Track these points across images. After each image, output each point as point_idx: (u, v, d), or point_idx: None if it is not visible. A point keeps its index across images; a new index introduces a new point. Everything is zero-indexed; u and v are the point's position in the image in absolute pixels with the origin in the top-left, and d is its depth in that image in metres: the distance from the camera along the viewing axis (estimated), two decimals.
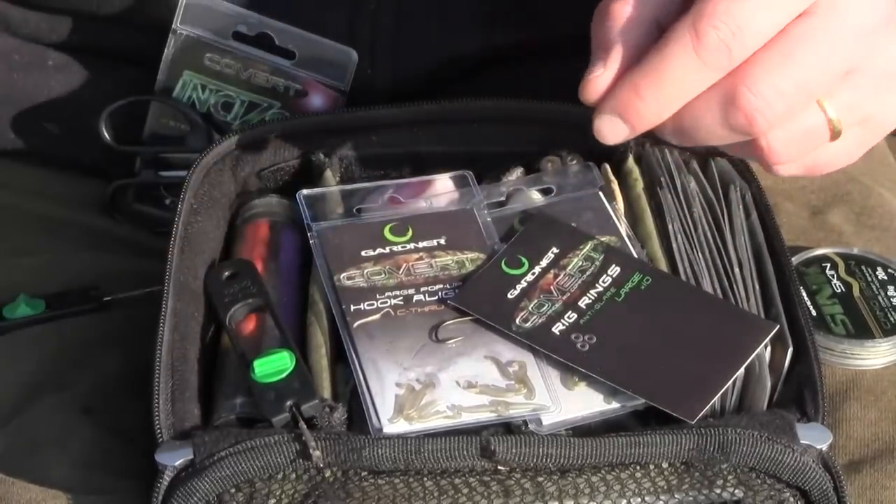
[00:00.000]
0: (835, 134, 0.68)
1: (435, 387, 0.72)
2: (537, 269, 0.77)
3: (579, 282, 0.76)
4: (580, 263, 0.77)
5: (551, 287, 0.76)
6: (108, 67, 0.93)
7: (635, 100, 0.66)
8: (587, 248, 0.78)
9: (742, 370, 0.72)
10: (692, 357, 0.72)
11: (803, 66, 0.65)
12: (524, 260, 0.78)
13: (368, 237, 0.79)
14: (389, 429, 0.70)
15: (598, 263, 0.77)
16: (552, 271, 0.77)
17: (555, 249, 0.78)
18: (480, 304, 0.76)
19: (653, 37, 0.68)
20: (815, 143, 0.69)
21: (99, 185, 0.93)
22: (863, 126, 0.70)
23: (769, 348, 0.74)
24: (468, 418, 0.71)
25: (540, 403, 0.71)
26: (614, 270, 0.77)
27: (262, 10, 0.89)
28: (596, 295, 0.76)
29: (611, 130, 0.68)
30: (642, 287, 0.76)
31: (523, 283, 0.77)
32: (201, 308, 0.77)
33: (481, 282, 0.77)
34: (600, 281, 0.76)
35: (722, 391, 0.71)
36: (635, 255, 0.79)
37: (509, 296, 0.76)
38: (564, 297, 0.76)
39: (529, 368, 0.73)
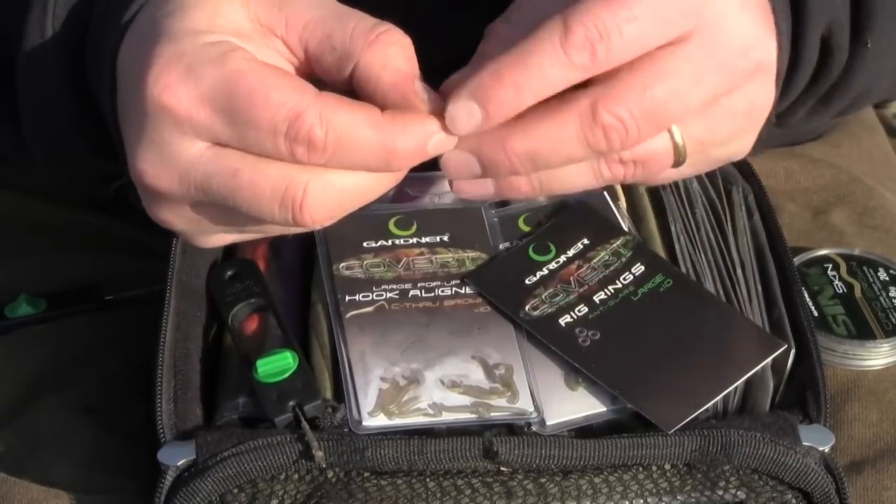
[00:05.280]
0: (678, 162, 0.69)
1: (419, 384, 0.72)
2: (563, 259, 0.77)
3: (600, 276, 0.76)
4: (606, 258, 0.77)
5: (571, 278, 0.76)
6: None
7: (496, 86, 0.65)
8: (618, 242, 0.78)
9: (732, 387, 0.72)
10: (689, 366, 0.72)
11: (663, 93, 0.66)
12: (552, 247, 0.78)
13: (372, 228, 0.79)
14: (368, 422, 0.70)
15: (623, 260, 0.77)
16: (576, 262, 0.77)
17: (585, 241, 0.78)
18: (494, 286, 0.76)
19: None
20: (658, 166, 0.69)
21: (100, 185, 0.93)
22: (704, 154, 0.71)
23: None
24: (448, 418, 0.71)
25: (522, 408, 0.71)
26: (638, 269, 0.77)
27: None
28: (613, 291, 0.76)
29: (465, 118, 0.66)
30: (661, 289, 0.76)
31: (544, 271, 0.77)
32: (203, 308, 0.77)
33: (503, 264, 0.77)
34: (621, 278, 0.76)
35: (707, 406, 0.70)
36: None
37: (527, 282, 0.76)
38: (581, 290, 0.76)
39: (516, 372, 0.73)
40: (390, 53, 0.66)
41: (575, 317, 0.75)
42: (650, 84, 0.65)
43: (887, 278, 0.85)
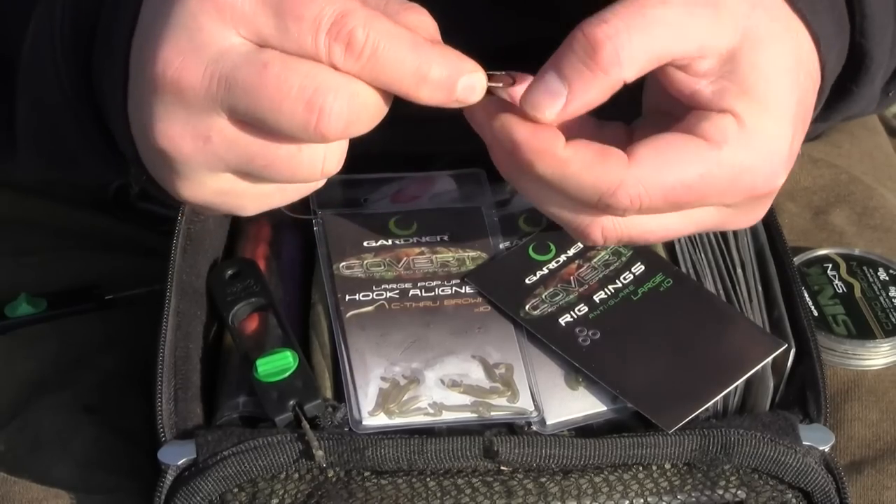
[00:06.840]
0: (676, 238, 0.70)
1: (419, 383, 0.72)
2: (563, 258, 0.77)
3: (600, 275, 0.76)
4: (607, 257, 0.77)
5: (571, 277, 0.76)
6: None
7: (527, 166, 0.65)
8: None
9: (732, 387, 0.72)
10: (689, 366, 0.72)
11: (682, 191, 0.65)
12: (552, 247, 0.78)
13: (372, 228, 0.79)
14: (368, 421, 0.70)
15: (624, 259, 0.77)
16: (577, 261, 0.77)
17: None
18: (494, 285, 0.76)
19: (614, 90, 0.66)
20: (656, 241, 0.70)
21: (101, 184, 0.93)
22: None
23: None
24: (448, 417, 0.71)
25: (522, 408, 0.71)
26: (638, 268, 0.77)
27: None
28: (613, 290, 0.76)
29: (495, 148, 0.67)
30: (661, 289, 0.76)
31: (544, 271, 0.77)
32: (204, 307, 0.77)
33: (502, 264, 0.77)
34: (621, 277, 0.76)
35: (707, 405, 0.71)
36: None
37: (527, 281, 0.76)
38: (581, 289, 0.76)
39: (516, 371, 0.73)
40: (425, 20, 0.66)
41: (575, 316, 0.75)
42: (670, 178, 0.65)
43: (887, 278, 0.85)
